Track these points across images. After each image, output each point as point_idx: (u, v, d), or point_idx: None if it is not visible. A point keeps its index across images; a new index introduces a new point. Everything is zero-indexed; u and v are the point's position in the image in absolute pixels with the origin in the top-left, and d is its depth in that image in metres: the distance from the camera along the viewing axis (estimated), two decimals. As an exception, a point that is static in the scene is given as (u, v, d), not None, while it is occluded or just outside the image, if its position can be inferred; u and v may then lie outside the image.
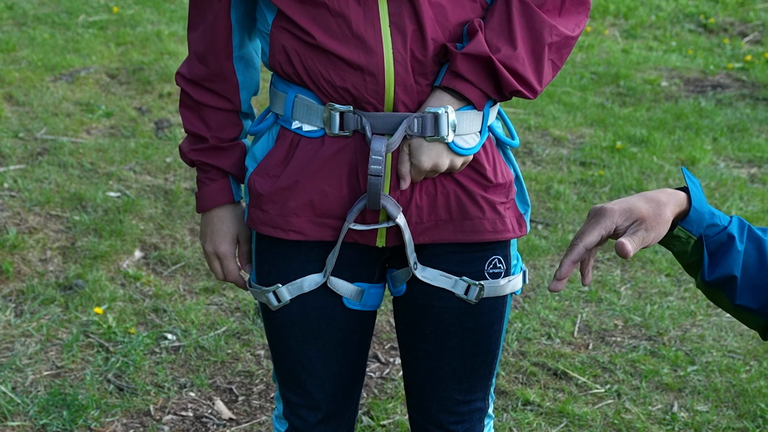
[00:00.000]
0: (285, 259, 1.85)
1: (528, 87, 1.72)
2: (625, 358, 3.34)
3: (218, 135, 1.87)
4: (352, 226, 1.77)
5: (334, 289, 1.85)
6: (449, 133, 1.71)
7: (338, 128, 1.73)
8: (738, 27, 7.51)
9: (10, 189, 4.27)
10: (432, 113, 1.70)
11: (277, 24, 1.74)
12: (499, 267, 1.85)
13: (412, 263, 1.81)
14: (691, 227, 1.63)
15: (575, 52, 6.76)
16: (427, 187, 1.77)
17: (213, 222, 1.92)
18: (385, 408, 3.04)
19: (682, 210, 1.64)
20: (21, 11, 6.86)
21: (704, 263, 1.63)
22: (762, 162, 5.08)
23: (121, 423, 2.95)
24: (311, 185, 1.77)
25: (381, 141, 1.70)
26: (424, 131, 1.71)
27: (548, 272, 3.87)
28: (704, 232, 1.63)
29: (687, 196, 1.64)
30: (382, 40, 1.68)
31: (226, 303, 3.58)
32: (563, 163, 4.93)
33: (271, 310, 1.90)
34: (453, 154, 1.73)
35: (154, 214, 4.14)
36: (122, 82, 5.70)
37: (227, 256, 1.92)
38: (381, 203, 1.73)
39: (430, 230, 1.80)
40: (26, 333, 3.33)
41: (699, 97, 6.07)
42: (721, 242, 1.62)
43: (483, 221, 1.80)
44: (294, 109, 1.78)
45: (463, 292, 1.83)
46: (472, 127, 1.74)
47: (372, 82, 1.69)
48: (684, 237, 1.65)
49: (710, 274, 1.63)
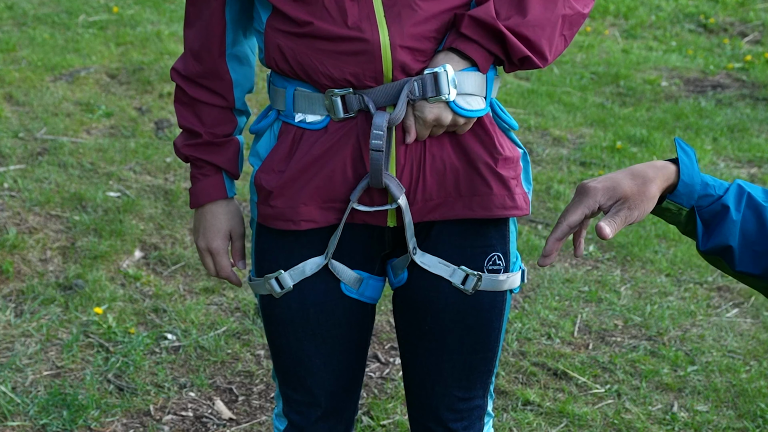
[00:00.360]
0: (286, 250, 1.85)
1: (539, 54, 1.72)
2: (625, 358, 3.34)
3: (212, 131, 1.88)
4: (355, 206, 1.77)
5: (334, 272, 1.85)
6: (450, 91, 1.70)
7: (343, 112, 1.73)
8: (738, 27, 7.51)
9: (10, 189, 4.27)
10: (431, 73, 1.70)
11: (271, 23, 1.75)
12: (498, 264, 1.85)
13: (411, 248, 1.81)
14: (681, 200, 1.62)
15: (575, 52, 6.76)
16: (435, 165, 1.77)
17: (206, 218, 1.93)
18: (385, 408, 3.04)
19: (670, 183, 1.62)
20: (21, 11, 6.86)
21: (698, 233, 1.62)
22: (762, 162, 5.08)
23: (121, 423, 2.95)
24: (316, 172, 1.77)
25: (383, 116, 1.70)
26: (425, 92, 1.70)
27: (548, 272, 3.87)
28: (696, 203, 1.62)
29: (677, 167, 1.63)
30: (377, 24, 1.68)
31: (226, 303, 3.58)
32: (563, 163, 4.93)
33: (271, 306, 1.90)
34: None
35: (154, 214, 4.14)
36: (122, 82, 5.70)
37: (220, 252, 1.93)
38: (384, 181, 1.73)
39: (440, 207, 1.79)
40: (26, 333, 3.33)
41: (699, 97, 6.07)
42: (716, 212, 1.61)
43: (492, 197, 1.79)
44: (295, 102, 1.78)
45: (461, 281, 1.82)
46: (474, 88, 1.73)
47: (370, 68, 1.70)
48: (675, 209, 1.64)
49: (705, 244, 1.62)
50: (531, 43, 1.71)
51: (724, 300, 3.76)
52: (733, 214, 1.60)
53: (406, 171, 1.76)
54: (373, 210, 1.78)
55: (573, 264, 3.97)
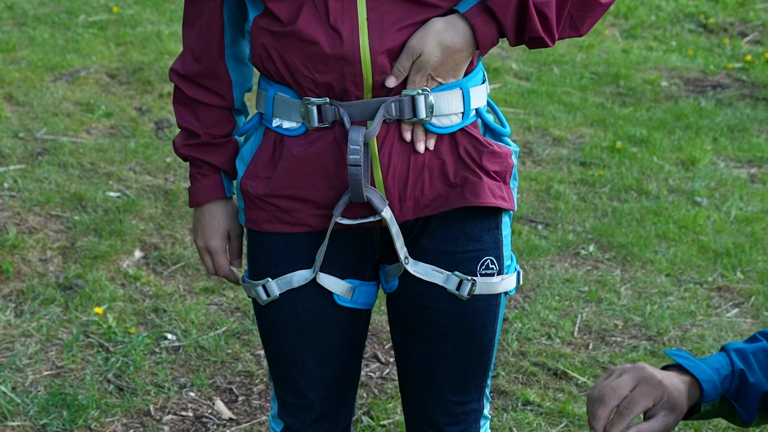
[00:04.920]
0: (273, 256, 1.85)
1: (550, 34, 1.71)
2: (625, 358, 3.34)
3: (211, 131, 1.89)
4: (339, 220, 1.77)
5: (323, 285, 1.85)
6: (427, 115, 1.71)
7: (317, 121, 1.74)
8: (738, 27, 7.51)
9: (10, 189, 4.27)
10: (409, 96, 1.70)
11: (257, 23, 1.76)
12: (492, 268, 1.84)
13: (402, 258, 1.80)
14: (713, 396, 1.58)
15: (575, 53, 6.76)
16: (422, 161, 1.77)
17: (204, 217, 1.93)
18: (385, 408, 3.04)
19: (692, 395, 1.58)
20: (21, 11, 6.85)
21: (739, 413, 1.59)
22: (762, 162, 5.08)
23: (121, 423, 2.95)
24: (300, 178, 1.77)
25: (358, 131, 1.70)
26: (402, 114, 1.71)
27: (548, 272, 3.87)
28: (722, 391, 1.59)
29: (689, 377, 1.58)
30: (359, 28, 1.68)
31: (226, 303, 3.58)
32: (563, 163, 4.93)
33: (263, 310, 1.90)
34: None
35: (154, 214, 4.14)
36: (122, 82, 5.69)
37: (218, 251, 1.93)
38: (365, 195, 1.73)
39: (434, 201, 1.79)
40: (26, 333, 3.33)
41: (699, 97, 6.07)
42: (737, 384, 1.59)
43: (482, 184, 1.78)
44: (274, 107, 1.79)
45: (455, 287, 1.82)
46: (451, 108, 1.74)
47: (350, 71, 1.69)
48: (711, 407, 1.60)
49: (750, 417, 1.59)
50: (547, 21, 1.69)
51: (724, 300, 3.76)
52: (750, 376, 1.58)
53: (391, 173, 1.76)
54: (356, 223, 1.78)
55: (573, 264, 3.97)
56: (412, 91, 1.70)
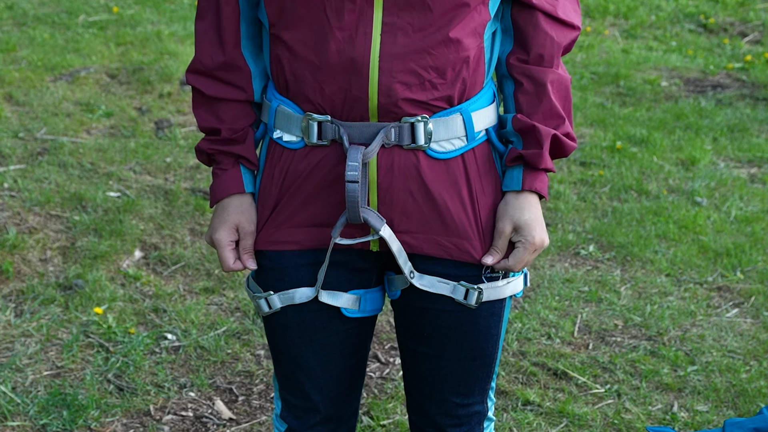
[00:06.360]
0: (277, 268, 1.85)
1: (574, 140, 1.84)
2: (625, 358, 3.34)
3: (232, 127, 1.84)
4: (338, 240, 1.77)
5: (326, 302, 1.85)
6: (426, 141, 1.73)
7: (316, 137, 1.74)
8: (738, 27, 7.51)
9: (10, 189, 4.27)
10: (409, 123, 1.72)
11: (271, 32, 1.76)
12: (497, 271, 1.84)
13: (407, 272, 1.80)
14: None
15: (575, 52, 6.76)
16: (418, 178, 1.77)
17: (217, 212, 1.88)
18: (385, 408, 3.04)
19: None
20: (21, 11, 6.85)
21: None
22: (762, 162, 5.08)
23: (121, 423, 2.95)
24: (300, 194, 1.78)
25: (357, 150, 1.71)
26: (401, 140, 1.72)
27: (548, 272, 3.87)
28: None
29: None
30: (371, 48, 1.68)
31: (226, 303, 3.58)
32: (563, 163, 4.93)
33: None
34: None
35: (154, 214, 4.14)
36: (122, 82, 5.69)
37: (222, 245, 1.86)
38: (362, 216, 1.73)
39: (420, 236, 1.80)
40: (26, 333, 3.33)
41: (699, 97, 6.07)
42: None
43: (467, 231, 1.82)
44: (276, 119, 1.79)
45: (463, 296, 1.82)
46: (450, 132, 1.76)
47: (356, 86, 1.70)
48: None
49: None
50: (572, 136, 1.82)
51: (724, 300, 3.76)
52: None
53: (389, 194, 1.76)
54: (355, 243, 1.78)
55: (573, 264, 3.97)
56: (411, 118, 1.72)
